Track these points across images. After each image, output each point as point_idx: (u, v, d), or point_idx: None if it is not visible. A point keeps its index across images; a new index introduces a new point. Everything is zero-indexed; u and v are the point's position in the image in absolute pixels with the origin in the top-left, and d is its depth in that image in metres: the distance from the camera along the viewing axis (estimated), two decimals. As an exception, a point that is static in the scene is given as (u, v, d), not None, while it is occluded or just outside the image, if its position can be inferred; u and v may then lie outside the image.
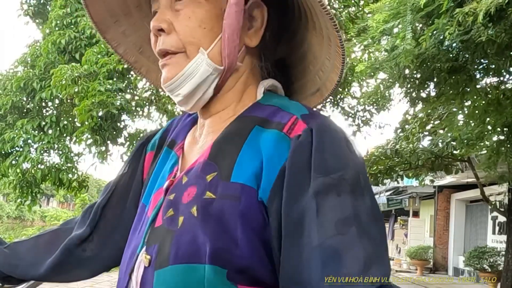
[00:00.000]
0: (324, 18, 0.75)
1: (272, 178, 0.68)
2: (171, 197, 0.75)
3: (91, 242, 0.91)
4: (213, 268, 0.66)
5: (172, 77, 0.77)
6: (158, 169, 0.85)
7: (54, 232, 0.98)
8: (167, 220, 0.73)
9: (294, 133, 0.70)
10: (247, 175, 0.69)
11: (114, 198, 0.93)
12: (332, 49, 0.79)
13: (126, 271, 0.76)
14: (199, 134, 0.83)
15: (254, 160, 0.70)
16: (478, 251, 11.06)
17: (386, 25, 3.51)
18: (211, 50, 0.76)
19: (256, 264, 0.68)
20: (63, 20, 8.85)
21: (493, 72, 5.17)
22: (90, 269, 0.92)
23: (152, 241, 0.73)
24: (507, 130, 5.99)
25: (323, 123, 0.71)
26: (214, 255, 0.66)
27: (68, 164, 9.06)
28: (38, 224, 31.45)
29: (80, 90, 7.36)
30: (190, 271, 0.66)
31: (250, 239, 0.67)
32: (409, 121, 8.62)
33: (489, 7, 2.90)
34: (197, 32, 0.76)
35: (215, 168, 0.72)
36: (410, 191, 15.98)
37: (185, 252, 0.67)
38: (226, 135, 0.76)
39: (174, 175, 0.79)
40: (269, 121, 0.74)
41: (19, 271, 0.92)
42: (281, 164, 0.68)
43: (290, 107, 0.75)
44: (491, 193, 9.76)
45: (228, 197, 0.69)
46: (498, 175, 7.29)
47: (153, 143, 0.93)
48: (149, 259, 0.71)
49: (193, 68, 0.76)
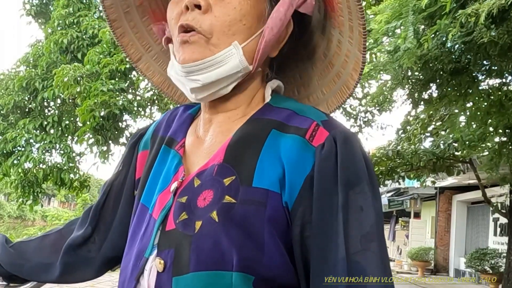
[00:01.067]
0: (354, 34, 0.75)
1: (297, 185, 0.68)
2: (183, 200, 0.73)
3: (94, 243, 0.91)
4: (241, 275, 0.65)
5: (198, 59, 0.72)
6: (157, 169, 0.82)
7: (59, 233, 0.97)
8: (181, 224, 0.70)
9: (317, 141, 0.70)
10: (270, 180, 0.69)
11: (110, 198, 0.92)
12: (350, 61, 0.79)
13: (132, 274, 0.74)
14: (204, 132, 0.80)
15: (276, 165, 0.70)
16: (479, 253, 11.05)
17: (388, 25, 3.50)
18: (245, 46, 0.73)
19: (282, 270, 0.68)
20: (65, 20, 8.87)
21: (496, 73, 5.16)
22: (95, 268, 0.91)
23: (165, 246, 0.71)
24: (509, 131, 5.98)
25: (344, 132, 0.71)
26: (242, 262, 0.65)
27: (70, 164, 9.07)
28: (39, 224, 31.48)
29: (82, 90, 7.37)
30: (216, 279, 0.66)
31: (276, 244, 0.68)
32: (411, 122, 8.61)
33: (491, 8, 2.90)
34: (235, 26, 0.73)
35: (233, 172, 0.71)
36: (411, 192, 15.96)
37: (208, 259, 0.66)
38: (241, 137, 0.74)
39: (181, 177, 0.76)
40: (286, 125, 0.73)
41: (24, 271, 0.92)
42: (307, 173, 0.68)
43: (307, 112, 0.75)
44: (492, 195, 9.74)
45: (252, 203, 0.68)
46: (500, 176, 7.27)
47: (145, 141, 0.90)
48: (163, 264, 0.69)
49: (222, 58, 0.72)
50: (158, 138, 0.87)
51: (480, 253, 11.04)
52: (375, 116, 9.76)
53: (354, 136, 0.72)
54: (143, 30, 0.93)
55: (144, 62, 0.96)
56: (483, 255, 10.87)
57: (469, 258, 11.31)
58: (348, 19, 0.75)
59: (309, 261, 0.67)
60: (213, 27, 0.72)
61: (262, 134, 0.73)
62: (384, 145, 8.54)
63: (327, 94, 0.87)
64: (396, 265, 16.47)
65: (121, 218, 0.88)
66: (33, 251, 0.94)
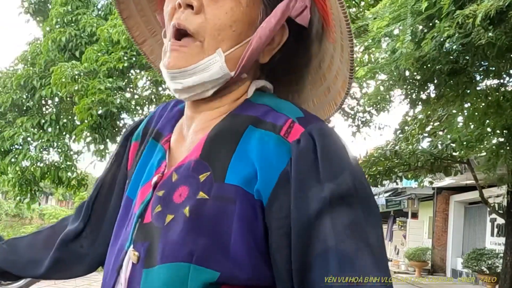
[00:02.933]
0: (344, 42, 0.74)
1: (271, 182, 0.67)
2: (160, 193, 0.73)
3: (86, 238, 0.91)
4: (200, 268, 0.65)
5: (181, 66, 0.73)
6: (144, 161, 0.83)
7: (51, 229, 0.97)
8: (155, 217, 0.71)
9: (292, 137, 0.69)
10: (241, 177, 0.68)
11: (102, 193, 0.92)
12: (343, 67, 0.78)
13: (113, 267, 0.75)
14: (187, 127, 0.81)
15: (249, 162, 0.69)
16: (476, 253, 11.07)
17: (387, 28, 3.51)
18: (229, 54, 0.73)
19: (252, 269, 0.67)
20: (63, 18, 8.86)
21: (493, 74, 5.17)
22: (87, 264, 0.92)
23: (141, 238, 0.71)
24: (506, 132, 6.00)
25: (322, 127, 0.71)
26: (202, 256, 0.65)
27: (67, 162, 9.06)
28: (37, 222, 31.42)
29: (80, 88, 7.36)
30: (175, 270, 0.66)
31: (246, 242, 0.67)
32: (408, 123, 8.62)
33: (489, 9, 2.90)
34: (225, 31, 0.73)
35: (208, 168, 0.71)
36: (409, 192, 15.98)
37: (172, 251, 0.67)
38: (218, 133, 0.74)
39: (162, 171, 0.77)
40: (262, 121, 0.72)
41: (16, 268, 0.92)
42: (281, 169, 0.67)
43: (283, 108, 0.74)
44: (490, 195, 9.76)
45: (222, 199, 0.68)
46: (497, 177, 7.29)
47: (137, 133, 0.91)
48: (137, 256, 0.70)
49: (205, 66, 0.73)
50: (149, 131, 0.88)
51: (477, 253, 11.06)
52: (373, 116, 9.77)
53: (331, 129, 0.72)
54: (149, 14, 0.93)
55: (149, 45, 0.96)
56: (480, 256, 10.89)
57: (466, 259, 11.34)
58: (340, 38, 0.76)
59: (286, 258, 0.66)
60: (204, 29, 0.72)
61: (239, 130, 0.72)
62: (382, 145, 8.54)
63: (317, 106, 0.88)
64: (393, 265, 16.49)
65: (113, 212, 0.88)
66: (26, 247, 0.94)
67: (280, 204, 0.67)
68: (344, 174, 0.66)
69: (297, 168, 0.67)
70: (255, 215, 0.68)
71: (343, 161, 0.68)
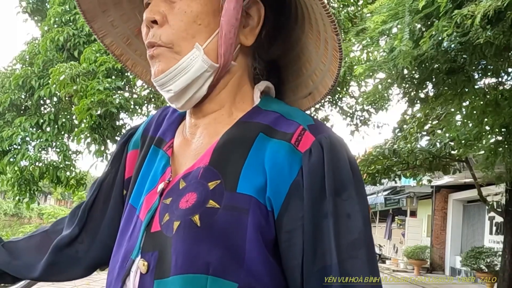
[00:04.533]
0: (324, 20, 0.74)
1: (282, 192, 0.68)
2: (168, 201, 0.72)
3: (82, 243, 0.90)
4: (217, 280, 0.65)
5: (164, 70, 0.73)
6: (146, 169, 0.82)
7: (45, 233, 0.96)
8: (165, 226, 0.70)
9: (303, 146, 0.69)
10: (254, 186, 0.68)
11: (99, 198, 0.91)
12: (329, 52, 0.77)
13: (118, 276, 0.74)
14: (191, 135, 0.80)
15: (261, 171, 0.69)
16: (475, 251, 11.09)
17: (385, 26, 3.51)
18: (207, 46, 0.73)
19: (267, 278, 0.68)
20: (61, 17, 8.83)
21: (492, 73, 5.18)
22: (83, 268, 0.91)
23: (150, 248, 0.71)
24: (505, 130, 6.00)
25: (330, 137, 0.71)
26: (219, 267, 0.65)
27: (66, 162, 9.05)
28: (36, 221, 31.38)
29: (79, 89, 7.36)
30: (192, 282, 0.65)
31: (261, 252, 0.67)
32: (407, 121, 8.64)
33: (487, 9, 2.91)
34: (191, 28, 0.73)
35: (218, 176, 0.70)
36: (407, 191, 16.01)
37: (186, 262, 0.66)
38: (228, 141, 0.73)
39: (168, 178, 0.76)
40: (273, 129, 0.72)
41: (11, 269, 0.91)
42: (292, 179, 0.68)
43: (294, 115, 0.74)
44: (488, 194, 9.77)
45: (235, 209, 0.67)
46: (496, 175, 7.29)
47: (135, 140, 0.90)
48: (146, 266, 0.69)
49: (187, 63, 0.73)
50: (148, 138, 0.87)
51: (475, 251, 11.08)
52: (371, 115, 9.78)
53: (341, 141, 0.72)
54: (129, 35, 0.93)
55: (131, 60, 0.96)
56: (479, 254, 10.91)
57: (465, 257, 11.36)
58: (324, 39, 0.77)
59: (296, 269, 0.67)
60: (171, 36, 0.73)
61: (249, 138, 0.72)
62: (380, 144, 8.56)
63: (293, 98, 0.88)
64: (392, 263, 16.52)
65: (111, 219, 0.88)
66: (20, 251, 0.93)
67: (291, 216, 0.67)
68: (349, 189, 0.68)
69: (309, 182, 0.67)
70: (268, 225, 0.68)
71: (346, 175, 0.69)
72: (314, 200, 0.67)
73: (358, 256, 0.65)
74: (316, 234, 0.66)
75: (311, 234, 0.66)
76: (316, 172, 0.67)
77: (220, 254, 0.66)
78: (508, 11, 3.18)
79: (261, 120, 0.74)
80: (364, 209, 0.68)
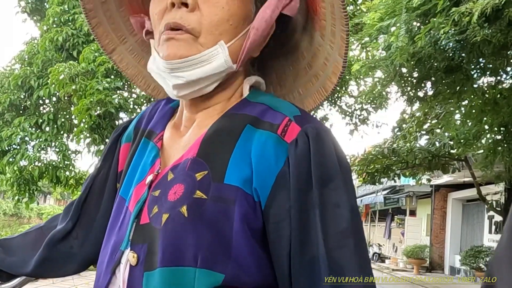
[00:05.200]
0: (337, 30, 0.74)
1: (268, 182, 0.68)
2: (156, 193, 0.72)
3: (76, 239, 0.90)
4: (205, 272, 0.65)
5: (183, 56, 0.71)
6: (136, 161, 0.82)
7: (40, 229, 0.96)
8: (154, 218, 0.70)
9: (289, 137, 0.69)
10: (241, 177, 0.68)
11: (93, 192, 0.90)
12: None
13: (107, 267, 0.74)
14: (185, 128, 0.80)
15: (247, 161, 0.69)
16: (474, 250, 11.10)
17: (382, 23, 3.52)
18: (230, 47, 0.73)
19: (255, 269, 0.68)
20: (60, 17, 8.83)
21: (490, 71, 5.18)
22: (77, 264, 0.91)
23: (139, 240, 0.70)
24: (503, 129, 6.01)
25: (316, 127, 0.71)
26: (207, 259, 0.65)
27: (65, 161, 9.04)
28: (35, 221, 31.34)
29: (78, 89, 7.35)
30: (180, 274, 0.65)
31: (248, 243, 0.67)
32: (406, 120, 8.64)
33: (485, 7, 2.91)
34: (223, 26, 0.72)
35: (206, 167, 0.70)
36: (407, 190, 16.02)
37: (174, 254, 0.66)
38: (216, 132, 0.73)
39: (157, 170, 0.76)
40: (260, 120, 0.72)
41: (5, 265, 0.91)
42: (279, 169, 0.68)
43: (280, 107, 0.74)
44: (487, 193, 9.79)
45: (222, 200, 0.67)
46: (495, 174, 7.31)
47: (128, 133, 0.90)
48: (136, 258, 0.69)
49: (208, 57, 0.72)
50: (140, 130, 0.87)
51: (475, 250, 11.09)
52: (370, 114, 9.79)
53: (327, 131, 0.72)
54: (119, 21, 0.92)
55: (118, 53, 0.95)
56: (478, 253, 10.93)
57: (464, 256, 11.37)
58: (331, 24, 0.76)
59: (285, 259, 0.67)
60: (201, 26, 0.72)
61: (236, 129, 0.72)
62: (379, 143, 8.57)
63: (303, 94, 0.87)
64: (391, 262, 16.53)
65: (105, 213, 0.87)
66: (16, 248, 0.93)
67: (278, 207, 0.67)
68: (336, 178, 0.68)
69: (295, 173, 0.67)
70: (255, 216, 0.68)
71: (333, 164, 0.69)
72: (301, 190, 0.67)
73: (346, 246, 0.65)
74: (303, 224, 0.66)
75: (299, 224, 0.66)
76: (303, 162, 0.67)
77: (207, 245, 0.66)
78: (505, 9, 3.18)
79: (248, 112, 0.74)
80: (351, 199, 0.68)
